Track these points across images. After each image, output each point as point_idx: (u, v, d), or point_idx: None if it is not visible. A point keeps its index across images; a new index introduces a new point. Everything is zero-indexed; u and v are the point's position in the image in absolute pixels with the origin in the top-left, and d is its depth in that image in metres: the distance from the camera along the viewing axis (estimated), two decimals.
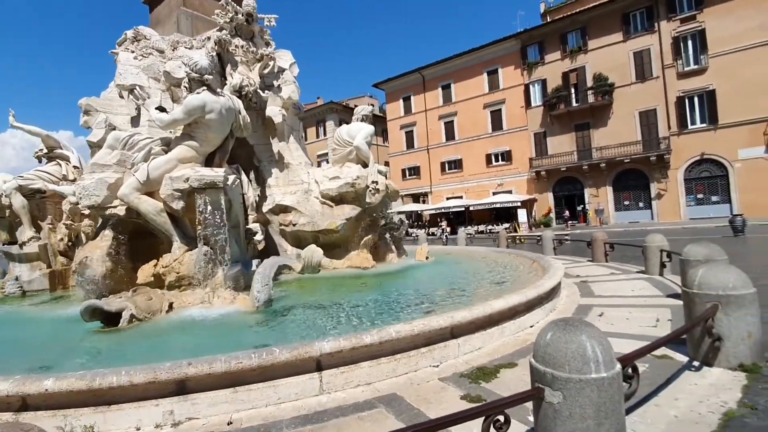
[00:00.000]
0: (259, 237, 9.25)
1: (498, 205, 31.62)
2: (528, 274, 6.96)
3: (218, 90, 6.94)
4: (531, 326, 4.56)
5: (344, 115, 49.89)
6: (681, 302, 3.48)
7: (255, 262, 7.13)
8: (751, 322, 2.91)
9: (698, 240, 5.38)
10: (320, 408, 2.90)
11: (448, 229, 29.83)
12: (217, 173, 6.14)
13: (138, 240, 6.87)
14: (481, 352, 3.82)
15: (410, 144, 41.04)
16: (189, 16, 9.23)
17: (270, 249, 9.78)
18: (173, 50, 8.47)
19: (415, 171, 40.81)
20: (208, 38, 8.84)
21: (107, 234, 6.78)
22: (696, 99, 25.60)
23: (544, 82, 31.29)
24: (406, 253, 10.85)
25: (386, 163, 50.41)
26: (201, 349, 4.02)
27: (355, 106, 55.71)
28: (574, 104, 29.67)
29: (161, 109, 6.57)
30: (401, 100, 41.14)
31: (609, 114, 28.42)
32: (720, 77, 24.54)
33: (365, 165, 9.58)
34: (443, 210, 34.79)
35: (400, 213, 39.25)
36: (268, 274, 5.34)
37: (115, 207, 6.24)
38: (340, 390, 3.16)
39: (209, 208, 5.93)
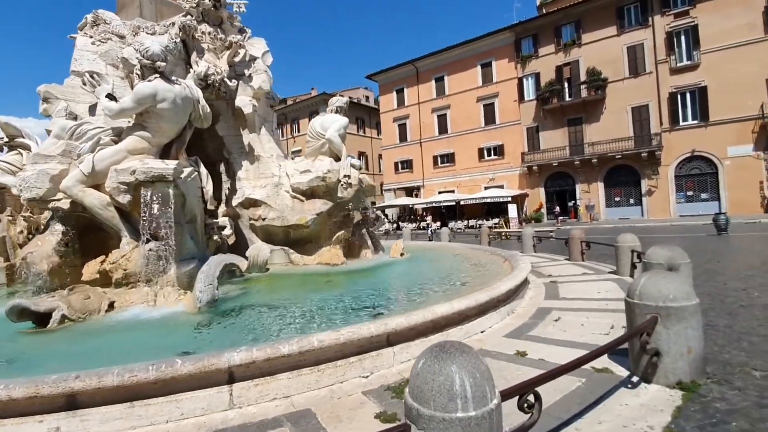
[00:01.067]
0: (227, 231, 9.05)
1: (489, 200, 31.39)
2: (496, 273, 6.72)
3: (174, 78, 6.61)
4: (482, 332, 4.33)
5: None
6: None
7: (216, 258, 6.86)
8: (692, 336, 2.68)
9: (680, 238, 5.14)
10: (222, 426, 2.66)
11: (436, 224, 29.63)
12: (167, 165, 5.84)
13: (89, 235, 6.57)
14: None
15: (403, 137, 40.65)
16: (154, 0, 8.83)
17: (240, 243, 9.51)
18: (134, 36, 8.09)
19: (407, 164, 40.47)
20: (173, 24, 8.46)
21: (56, 228, 6.48)
22: (688, 95, 25.36)
23: (537, 76, 30.93)
24: (383, 249, 10.62)
25: (379, 156, 50.10)
26: (128, 354, 3.77)
27: (350, 98, 55.10)
28: (567, 99, 29.36)
29: (111, 97, 6.25)
30: (394, 93, 40.67)
31: (602, 109, 28.14)
32: (711, 74, 24.30)
33: (338, 158, 9.30)
34: (434, 204, 34.54)
35: (392, 207, 39.23)
36: (212, 273, 5.07)
37: (59, 200, 5.93)
38: (253, 404, 2.92)
39: (156, 202, 5.63)
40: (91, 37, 7.90)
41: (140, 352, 3.81)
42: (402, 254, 9.94)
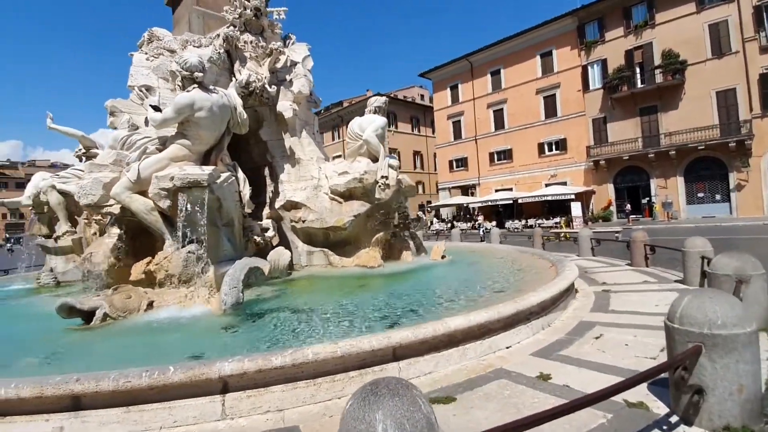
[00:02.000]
0: (270, 233, 9.29)
1: (549, 198, 29.50)
2: (537, 280, 6.16)
3: (212, 87, 6.89)
4: (508, 347, 3.91)
5: (391, 106, 49.39)
6: None
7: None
8: (745, 371, 2.12)
9: (747, 246, 4.33)
10: None
11: (490, 224, 28.43)
12: (202, 171, 6.09)
13: (142, 237, 7.06)
14: (428, 379, 3.30)
15: (458, 134, 39.69)
16: (200, 14, 9.35)
17: (283, 245, 9.73)
18: (183, 49, 8.60)
19: (462, 162, 39.44)
20: (218, 35, 8.88)
21: (113, 231, 7.08)
22: None
23: (604, 63, 28.47)
24: (426, 251, 10.31)
25: (434, 155, 49.44)
26: (150, 353, 3.97)
27: (404, 97, 54.88)
28: (639, 85, 26.67)
29: (156, 108, 6.65)
30: (448, 89, 39.85)
31: (680, 95, 25.16)
32: None
33: (376, 159, 9.16)
34: (490, 203, 33.25)
35: (446, 206, 38.50)
36: (237, 276, 5.17)
37: (111, 206, 6.44)
38: (245, 416, 2.85)
39: (191, 206, 5.89)
40: (146, 53, 8.52)
41: (158, 353, 3.98)
42: (443, 257, 9.57)
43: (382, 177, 8.78)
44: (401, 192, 9.59)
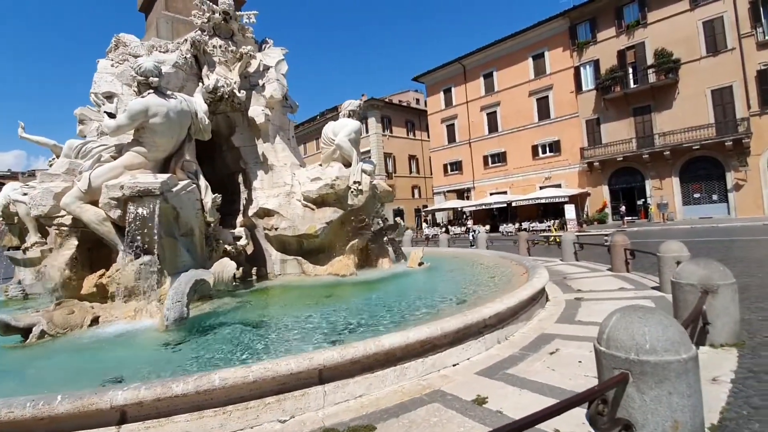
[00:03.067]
0: (243, 242, 9.06)
1: (543, 201, 29.20)
2: (505, 289, 5.88)
3: (169, 92, 6.67)
4: (454, 365, 3.64)
5: (387, 111, 49.33)
6: None
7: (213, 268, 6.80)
8: (680, 405, 1.85)
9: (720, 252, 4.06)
10: None
11: (483, 228, 28.15)
12: (155, 180, 5.85)
13: (99, 249, 6.81)
14: (356, 404, 3.02)
15: (452, 138, 39.53)
16: (169, 19, 9.17)
17: (258, 254, 9.52)
18: (149, 55, 8.40)
19: (457, 166, 39.24)
20: (185, 40, 8.68)
21: (71, 242, 6.82)
22: None
23: (596, 63, 28.30)
24: (405, 257, 10.04)
25: (430, 159, 49.26)
26: (77, 373, 3.73)
27: (399, 101, 54.71)
28: (632, 86, 26.47)
29: (111, 115, 6.42)
30: (442, 93, 39.73)
31: (674, 94, 24.93)
32: None
33: (349, 164, 8.93)
34: (484, 206, 32.98)
35: (440, 210, 38.17)
36: (181, 290, 4.91)
37: (62, 216, 6.20)
38: None
39: (140, 216, 5.64)
40: (112, 60, 8.33)
41: (83, 374, 3.73)
42: (421, 264, 9.29)
43: (355, 182, 8.54)
44: (377, 198, 9.35)
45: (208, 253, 7.37)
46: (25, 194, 8.43)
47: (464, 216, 36.45)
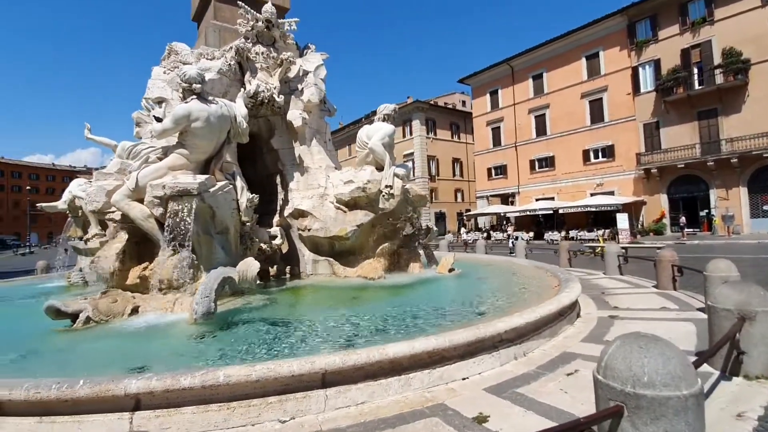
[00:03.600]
0: (278, 241, 9.40)
1: (593, 209, 27.65)
2: (533, 301, 5.64)
3: (211, 98, 7.06)
4: (464, 378, 3.55)
5: (431, 113, 49.07)
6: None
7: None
8: None
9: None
10: None
11: (527, 235, 27.10)
12: (193, 180, 6.22)
13: (146, 243, 7.34)
14: (356, 410, 3.03)
15: (497, 141, 38.54)
16: (217, 28, 9.70)
17: (292, 253, 9.83)
18: (197, 62, 8.95)
19: (501, 170, 38.19)
20: (231, 48, 9.15)
21: (121, 236, 7.41)
22: None
23: (656, 63, 26.39)
24: (437, 263, 9.92)
25: (474, 163, 48.32)
26: (113, 358, 4.04)
27: (445, 103, 54.21)
28: (697, 87, 24.40)
29: (158, 119, 6.91)
30: (488, 95, 38.88)
31: (743, 97, 22.70)
32: None
33: (382, 168, 8.97)
34: (529, 212, 31.79)
35: (483, 215, 37.32)
36: (210, 286, 5.17)
37: (113, 212, 6.75)
38: None
39: (179, 214, 6.01)
40: (164, 67, 8.96)
41: (120, 358, 4.04)
42: (451, 270, 9.14)
43: (386, 186, 8.57)
44: (409, 202, 9.32)
45: (242, 250, 7.70)
46: (84, 191, 9.26)
47: (505, 222, 35.38)
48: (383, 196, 8.63)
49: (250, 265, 5.34)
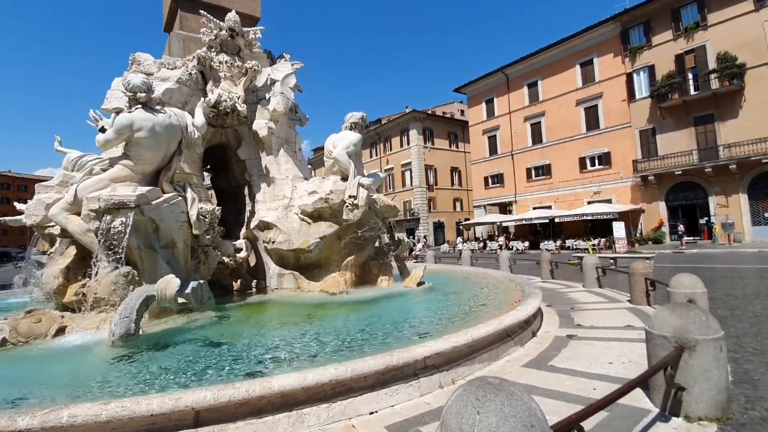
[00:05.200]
0: (243, 254, 9.09)
1: (590, 217, 27.13)
2: (487, 320, 5.25)
3: (158, 107, 6.82)
4: (372, 413, 3.17)
5: (428, 123, 48.99)
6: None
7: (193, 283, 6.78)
8: None
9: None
10: None
11: (524, 245, 26.58)
12: (131, 192, 5.93)
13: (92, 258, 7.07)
14: None
15: (493, 149, 38.24)
16: (181, 38, 9.54)
17: (259, 266, 9.52)
18: (158, 72, 8.76)
19: (498, 179, 37.81)
20: (193, 57, 8.96)
21: (69, 251, 7.13)
22: None
23: (651, 69, 26.08)
24: (410, 275, 9.54)
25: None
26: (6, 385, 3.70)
27: (443, 113, 54.16)
28: (692, 92, 24.03)
29: (102, 129, 6.67)
30: (483, 103, 38.70)
31: (740, 102, 22.27)
32: None
33: (347, 178, 8.67)
34: (525, 221, 31.29)
35: (479, 224, 36.90)
36: (132, 305, 4.84)
37: (52, 226, 6.48)
38: None
39: (114, 227, 5.72)
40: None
41: (11, 386, 3.69)
42: (421, 283, 8.74)
43: (350, 197, 8.26)
44: (377, 213, 8.98)
45: (194, 265, 7.41)
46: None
47: (497, 232, 34.89)
48: (347, 206, 8.31)
49: (170, 283, 5.00)
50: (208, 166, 11.42)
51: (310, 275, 8.78)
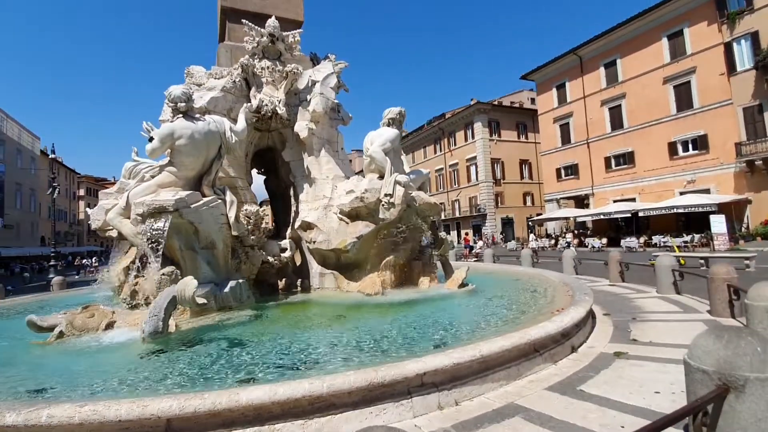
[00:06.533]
0: (288, 254, 9.34)
1: (681, 210, 23.80)
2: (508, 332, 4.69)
3: (198, 116, 7.19)
4: None
5: (494, 114, 46.85)
6: None
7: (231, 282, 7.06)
8: None
9: None
10: None
11: (602, 242, 24.11)
12: (170, 197, 6.30)
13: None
14: None
15: (566, 139, 35.38)
16: (228, 48, 10.01)
17: (304, 266, 9.71)
18: (207, 82, 9.28)
19: (572, 170, 34.92)
20: (238, 65, 9.35)
21: (130, 252, 7.85)
22: None
23: (754, 36, 22.12)
24: (453, 276, 9.06)
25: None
26: (47, 375, 4.09)
27: (511, 103, 51.57)
28: None
29: (151, 139, 7.19)
30: (554, 89, 35.97)
31: None
32: None
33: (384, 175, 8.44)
34: (603, 216, 28.45)
35: (551, 220, 34.55)
36: (160, 304, 5.09)
37: (111, 230, 7.13)
38: None
39: (156, 230, 6.11)
40: None
41: (47, 376, 4.07)
42: (464, 285, 8.24)
43: (386, 195, 8.03)
44: (417, 211, 8.64)
45: (235, 265, 7.71)
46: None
47: (572, 228, 32.12)
48: (383, 205, 8.09)
49: (188, 284, 5.18)
50: (262, 170, 11.95)
51: (350, 275, 8.72)
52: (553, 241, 31.31)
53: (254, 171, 12.19)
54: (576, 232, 32.51)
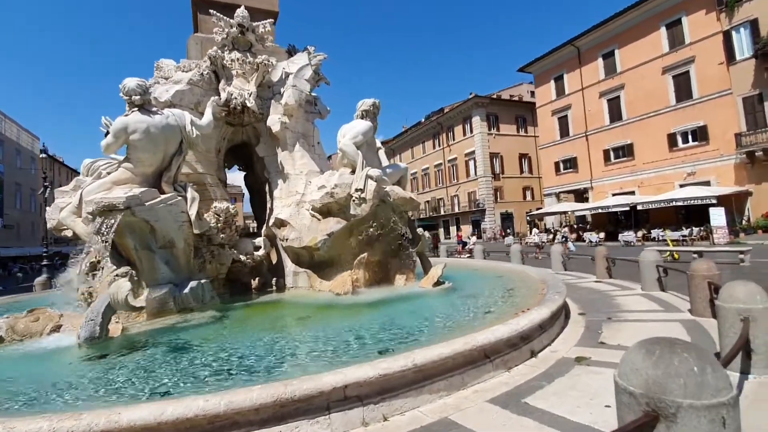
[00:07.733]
0: (261, 252, 9.05)
1: (681, 203, 23.29)
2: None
3: (154, 109, 6.87)
4: None
5: (492, 108, 46.24)
6: None
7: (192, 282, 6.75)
8: None
9: None
10: None
11: (599, 236, 23.68)
12: (121, 195, 6.00)
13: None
14: None
15: (564, 132, 34.84)
16: (198, 40, 9.68)
17: (279, 264, 9.42)
18: (174, 75, 8.96)
19: (571, 163, 34.41)
20: (207, 58, 9.02)
21: (93, 251, 7.58)
22: None
23: (754, 24, 21.49)
24: (428, 274, 8.73)
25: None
26: None
27: (510, 96, 50.88)
28: None
29: (107, 133, 6.89)
30: (552, 81, 35.39)
31: None
32: None
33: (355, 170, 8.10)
34: (601, 210, 27.96)
35: (549, 214, 34.07)
36: (96, 308, 4.81)
37: (66, 229, 6.85)
38: None
39: (106, 229, 5.81)
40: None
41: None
42: (439, 283, 7.91)
43: (357, 190, 7.69)
44: (392, 207, 8.31)
45: (199, 264, 7.41)
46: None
47: (571, 223, 31.64)
48: (354, 201, 7.76)
49: (120, 287, 4.89)
50: (242, 166, 11.65)
51: (324, 273, 8.41)
52: (551, 236, 30.84)
53: (235, 167, 11.95)
54: (574, 226, 32.06)
